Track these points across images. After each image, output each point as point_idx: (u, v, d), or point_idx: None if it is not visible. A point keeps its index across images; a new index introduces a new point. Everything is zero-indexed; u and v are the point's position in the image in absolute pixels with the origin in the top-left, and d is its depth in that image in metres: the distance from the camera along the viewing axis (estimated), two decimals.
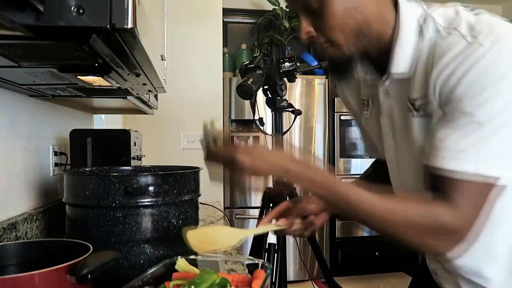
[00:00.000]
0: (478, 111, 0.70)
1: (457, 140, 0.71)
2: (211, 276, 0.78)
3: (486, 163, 0.70)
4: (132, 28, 0.59)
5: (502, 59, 0.69)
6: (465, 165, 0.71)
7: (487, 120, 0.70)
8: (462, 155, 0.71)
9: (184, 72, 3.25)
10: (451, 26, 0.74)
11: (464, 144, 0.71)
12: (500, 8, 4.90)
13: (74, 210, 1.00)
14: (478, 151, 0.70)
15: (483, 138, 0.70)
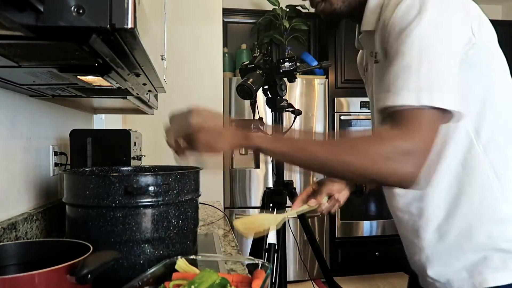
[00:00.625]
0: (401, 49, 0.76)
1: (396, 78, 0.75)
2: (211, 276, 0.78)
3: (427, 94, 0.72)
4: (132, 28, 0.59)
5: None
6: (408, 99, 0.73)
7: (413, 55, 0.74)
8: (403, 91, 0.74)
9: (184, 72, 3.25)
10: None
11: (403, 80, 0.74)
12: (500, 8, 4.90)
13: (74, 210, 1.00)
14: (417, 84, 0.73)
15: (415, 71, 0.73)
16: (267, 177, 3.49)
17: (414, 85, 0.73)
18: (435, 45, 0.74)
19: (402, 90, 0.74)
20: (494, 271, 0.83)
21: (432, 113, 0.73)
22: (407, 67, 0.74)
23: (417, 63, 0.74)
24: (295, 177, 3.54)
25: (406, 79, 0.74)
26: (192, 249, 1.08)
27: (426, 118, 0.73)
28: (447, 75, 0.74)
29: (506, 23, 4.42)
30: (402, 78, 0.74)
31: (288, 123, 1.73)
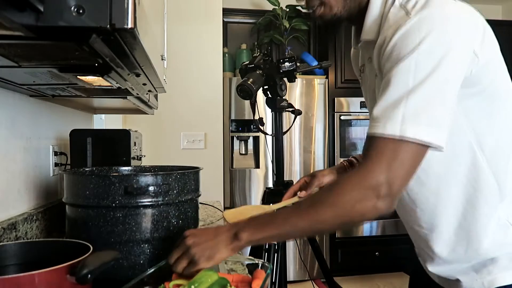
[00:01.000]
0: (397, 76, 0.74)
1: (386, 107, 0.75)
2: (211, 276, 0.78)
3: (412, 126, 0.72)
4: (132, 28, 0.59)
5: (422, 25, 0.74)
6: (391, 129, 0.73)
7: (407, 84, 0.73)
8: (389, 121, 0.73)
9: (184, 72, 3.25)
10: (405, 4, 0.81)
11: (391, 110, 0.74)
12: (500, 8, 4.90)
13: (74, 210, 1.00)
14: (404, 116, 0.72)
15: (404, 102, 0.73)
16: (267, 177, 3.49)
17: (401, 117, 0.72)
18: (430, 77, 0.73)
19: (388, 120, 0.73)
20: (503, 270, 0.84)
21: (414, 146, 0.73)
22: (398, 99, 0.73)
23: (407, 95, 0.73)
24: (295, 177, 3.54)
25: (395, 110, 0.73)
26: None
27: (406, 150, 0.73)
28: (438, 108, 0.73)
29: (506, 23, 4.42)
30: (391, 109, 0.74)
31: (288, 123, 1.73)
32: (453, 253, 0.88)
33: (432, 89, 0.73)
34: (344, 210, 0.75)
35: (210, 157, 3.35)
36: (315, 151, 3.61)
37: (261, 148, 3.48)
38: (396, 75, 0.74)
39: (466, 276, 0.87)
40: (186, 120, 3.30)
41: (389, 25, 0.81)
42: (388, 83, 0.75)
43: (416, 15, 0.76)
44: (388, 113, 0.74)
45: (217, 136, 3.39)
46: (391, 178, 0.73)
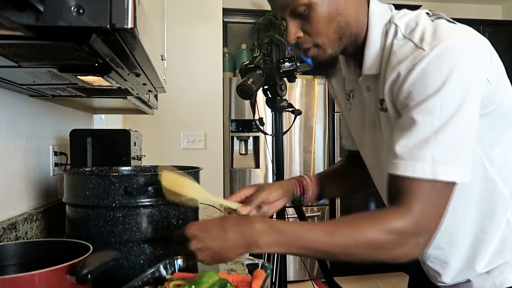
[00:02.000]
0: (422, 116, 0.73)
1: (412, 148, 0.73)
2: (211, 276, 0.78)
3: (443, 167, 0.72)
4: (132, 28, 0.59)
5: (441, 62, 0.72)
6: (422, 172, 0.72)
7: (433, 124, 0.72)
8: (419, 162, 0.73)
9: (184, 72, 3.25)
10: (409, 35, 0.78)
11: (419, 151, 0.73)
12: (500, 8, 4.90)
13: (74, 210, 1.00)
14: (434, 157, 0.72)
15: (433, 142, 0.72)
16: (267, 177, 3.49)
17: (431, 158, 0.72)
18: (455, 116, 0.72)
19: (417, 161, 0.73)
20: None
21: (445, 185, 0.73)
22: (425, 139, 0.73)
23: (435, 135, 0.72)
24: None
25: (422, 151, 0.72)
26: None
27: (438, 191, 0.73)
28: (464, 145, 0.73)
29: (506, 23, 4.42)
30: (418, 149, 0.73)
31: (288, 123, 1.73)
32: (469, 264, 0.88)
33: (458, 128, 0.72)
34: (380, 254, 0.75)
35: (210, 157, 3.35)
36: (315, 151, 3.61)
37: (261, 148, 3.48)
38: (421, 115, 0.73)
39: (477, 277, 0.87)
40: (186, 120, 3.30)
41: (398, 59, 0.78)
42: (413, 123, 0.74)
43: (432, 51, 0.73)
44: (416, 154, 0.73)
45: (217, 136, 3.39)
46: (428, 222, 0.73)
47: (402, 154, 0.74)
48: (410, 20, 0.81)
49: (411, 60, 0.75)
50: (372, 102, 0.90)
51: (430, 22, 0.78)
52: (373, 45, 0.84)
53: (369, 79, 0.88)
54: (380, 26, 0.84)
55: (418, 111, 0.74)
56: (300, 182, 1.08)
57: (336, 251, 0.75)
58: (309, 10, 0.81)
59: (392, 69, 0.79)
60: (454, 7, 4.70)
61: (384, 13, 0.86)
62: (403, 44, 0.78)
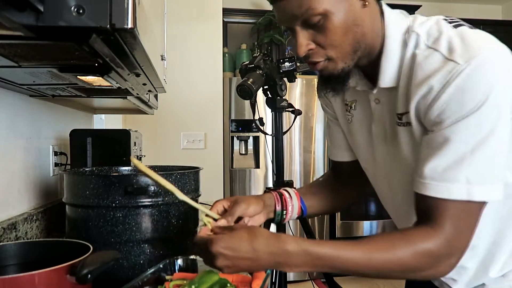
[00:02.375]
0: (456, 135, 0.70)
1: (445, 168, 0.71)
2: (211, 276, 0.78)
3: (478, 188, 0.71)
4: (132, 28, 0.59)
5: (479, 79, 0.69)
6: (458, 193, 0.71)
7: (468, 143, 0.70)
8: (454, 183, 0.71)
9: (184, 72, 3.25)
10: (433, 45, 0.74)
11: (453, 172, 0.71)
12: (500, 8, 4.90)
13: (74, 210, 1.00)
14: (468, 178, 0.71)
15: (467, 162, 0.70)
16: (267, 177, 3.49)
17: (465, 179, 0.70)
18: (491, 134, 0.70)
19: (452, 182, 0.71)
20: None
21: (478, 205, 0.72)
22: (459, 159, 0.70)
23: (470, 155, 0.70)
24: (295, 177, 3.54)
25: (456, 172, 0.71)
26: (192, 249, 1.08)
27: (471, 210, 0.72)
28: (497, 163, 0.72)
29: (506, 23, 4.42)
30: (452, 170, 0.71)
31: (288, 123, 1.73)
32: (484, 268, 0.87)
33: (492, 146, 0.71)
34: (412, 275, 0.75)
35: (210, 157, 3.35)
36: (315, 151, 3.61)
37: (261, 148, 3.48)
38: (456, 134, 0.70)
39: (492, 280, 0.86)
40: (186, 120, 3.30)
41: (425, 72, 0.73)
42: (446, 141, 0.71)
43: (467, 65, 0.69)
44: (450, 175, 0.71)
45: (217, 136, 3.39)
46: (460, 242, 0.73)
47: (434, 174, 0.72)
48: (431, 28, 0.77)
49: (444, 74, 0.71)
50: (384, 115, 0.86)
51: (453, 30, 0.75)
52: (392, 56, 0.80)
53: (383, 91, 0.84)
54: (398, 35, 0.80)
55: (453, 130, 0.71)
56: (281, 195, 1.00)
57: (370, 273, 0.75)
58: (325, 20, 0.75)
59: (420, 83, 0.74)
60: (454, 7, 4.70)
61: (400, 21, 0.81)
62: (428, 54, 0.74)
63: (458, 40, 0.72)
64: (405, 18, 0.82)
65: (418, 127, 0.78)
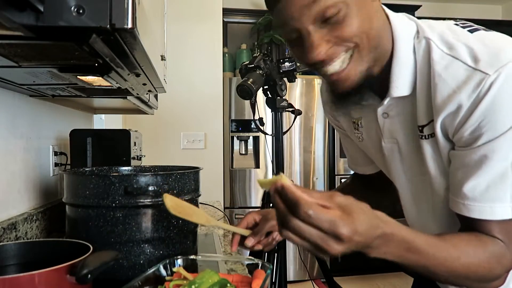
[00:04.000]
0: (495, 153, 0.66)
1: (484, 185, 0.68)
2: (211, 276, 0.78)
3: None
4: (132, 28, 0.59)
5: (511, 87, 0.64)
6: (505, 214, 0.68)
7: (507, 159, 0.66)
8: (499, 203, 0.68)
9: (184, 72, 3.26)
10: (451, 51, 0.70)
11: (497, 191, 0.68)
12: (500, 8, 4.90)
13: (74, 210, 1.00)
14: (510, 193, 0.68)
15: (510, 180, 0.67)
16: (267, 177, 3.48)
17: (510, 197, 0.68)
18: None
19: (495, 202, 0.68)
20: None
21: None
22: (500, 177, 0.67)
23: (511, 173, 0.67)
24: (295, 177, 3.54)
25: (499, 191, 0.68)
26: (192, 249, 1.08)
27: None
28: None
29: (506, 23, 4.42)
30: (494, 189, 0.68)
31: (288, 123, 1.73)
32: None
33: None
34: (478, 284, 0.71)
35: (210, 157, 3.35)
36: (315, 151, 3.61)
37: (261, 148, 3.48)
38: (495, 151, 0.66)
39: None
40: (186, 120, 3.30)
41: (449, 85, 0.68)
42: (485, 159, 0.67)
43: (498, 75, 0.64)
44: (493, 195, 0.68)
45: (217, 136, 3.39)
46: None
47: (475, 195, 0.69)
48: (443, 34, 0.72)
49: (473, 87, 0.66)
50: (396, 130, 0.81)
51: (470, 36, 0.70)
52: (404, 61, 0.73)
53: (393, 102, 0.78)
54: (408, 39, 0.74)
55: (490, 148, 0.66)
56: None
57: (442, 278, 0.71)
58: (342, 12, 0.67)
59: (447, 99, 0.69)
60: (454, 7, 4.70)
61: (406, 23, 0.75)
62: (448, 64, 0.69)
63: (480, 46, 0.68)
64: (411, 21, 0.76)
65: (444, 139, 0.73)
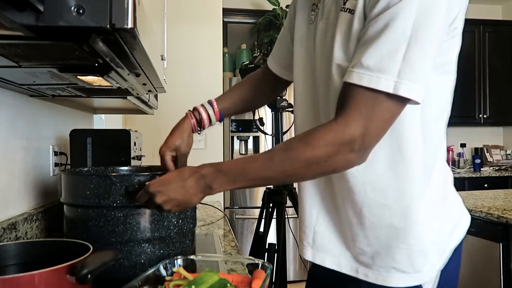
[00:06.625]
0: (395, 22, 0.68)
1: (378, 55, 0.69)
2: (211, 276, 0.78)
3: (406, 83, 0.69)
4: (132, 28, 0.59)
5: None
6: (386, 85, 0.69)
7: (405, 36, 0.68)
8: (384, 75, 0.69)
9: (184, 72, 3.25)
10: None
11: (387, 62, 0.69)
12: (500, 8, 4.90)
13: (73, 210, 1.00)
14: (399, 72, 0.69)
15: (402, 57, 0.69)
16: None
17: (397, 72, 0.69)
18: (428, 27, 0.69)
19: (383, 73, 0.69)
20: None
21: (400, 101, 0.71)
22: (394, 50, 0.69)
23: (407, 47, 0.68)
24: None
25: (390, 62, 0.69)
26: (190, 248, 1.08)
27: (392, 105, 0.71)
28: (429, 64, 0.71)
29: (506, 23, 4.42)
30: (386, 60, 0.69)
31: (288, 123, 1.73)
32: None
33: (428, 42, 0.69)
34: (318, 165, 0.75)
35: (210, 157, 3.35)
36: None
37: (261, 148, 3.48)
38: (395, 19, 0.68)
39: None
40: None
41: None
42: (385, 28, 0.69)
43: None
44: (383, 65, 0.69)
45: (217, 136, 3.39)
46: (368, 133, 0.72)
47: (369, 64, 0.70)
48: None
49: None
50: (332, 7, 0.84)
51: None
52: None
53: None
54: None
55: (391, 16, 0.68)
56: (196, 113, 1.16)
57: (278, 175, 0.79)
58: None
59: None
60: None
61: None
62: None
63: None
64: None
65: (360, 18, 0.75)
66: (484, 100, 4.50)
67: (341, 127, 0.72)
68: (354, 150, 0.72)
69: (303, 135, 0.77)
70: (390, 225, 0.83)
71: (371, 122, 0.71)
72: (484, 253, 1.96)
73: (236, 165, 0.83)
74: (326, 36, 0.85)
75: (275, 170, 0.78)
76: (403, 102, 0.72)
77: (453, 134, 4.77)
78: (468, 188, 4.07)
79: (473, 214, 1.99)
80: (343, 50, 0.78)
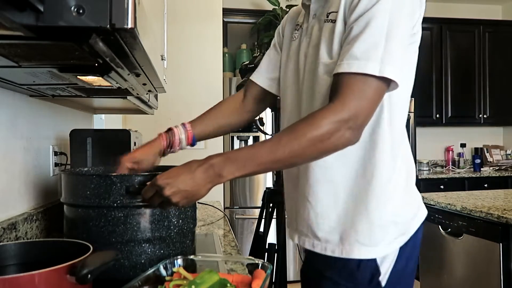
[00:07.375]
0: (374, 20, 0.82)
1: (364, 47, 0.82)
2: (211, 276, 0.78)
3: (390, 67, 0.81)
4: (132, 28, 0.59)
5: None
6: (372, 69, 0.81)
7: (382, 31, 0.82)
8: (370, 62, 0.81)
9: (184, 72, 3.25)
10: None
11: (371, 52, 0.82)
12: (500, 8, 4.90)
13: (73, 211, 1.00)
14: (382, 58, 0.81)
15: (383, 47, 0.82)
16: (267, 177, 3.49)
17: (380, 58, 0.81)
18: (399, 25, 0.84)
19: (369, 61, 0.81)
20: None
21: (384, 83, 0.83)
22: (376, 42, 0.82)
23: (386, 38, 0.82)
24: None
25: (376, 52, 0.81)
26: (190, 248, 1.08)
27: (381, 86, 0.83)
28: (402, 53, 0.85)
29: (506, 23, 4.42)
30: (371, 51, 0.82)
31: None
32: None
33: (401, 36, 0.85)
34: (322, 143, 0.82)
35: None
36: None
37: None
38: (373, 20, 0.82)
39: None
40: (186, 120, 3.28)
41: None
42: (366, 25, 0.83)
43: None
44: (369, 54, 0.82)
45: None
46: (361, 113, 0.82)
47: (357, 54, 0.82)
48: None
49: None
50: (314, 25, 0.97)
51: None
52: None
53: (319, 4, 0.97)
54: None
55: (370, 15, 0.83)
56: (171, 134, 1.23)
57: (285, 156, 0.83)
58: None
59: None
60: (454, 7, 4.70)
61: None
62: None
63: None
64: None
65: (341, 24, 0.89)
66: (484, 100, 4.50)
67: (338, 107, 0.82)
68: (351, 128, 0.82)
69: (305, 118, 0.85)
70: (360, 201, 0.93)
71: (363, 102, 0.82)
72: (484, 253, 1.96)
73: (244, 151, 0.86)
74: (310, 46, 0.98)
75: (283, 152, 0.82)
76: (387, 84, 0.84)
77: (453, 134, 4.77)
78: (468, 188, 4.07)
79: (473, 214, 1.99)
80: (327, 51, 0.91)
